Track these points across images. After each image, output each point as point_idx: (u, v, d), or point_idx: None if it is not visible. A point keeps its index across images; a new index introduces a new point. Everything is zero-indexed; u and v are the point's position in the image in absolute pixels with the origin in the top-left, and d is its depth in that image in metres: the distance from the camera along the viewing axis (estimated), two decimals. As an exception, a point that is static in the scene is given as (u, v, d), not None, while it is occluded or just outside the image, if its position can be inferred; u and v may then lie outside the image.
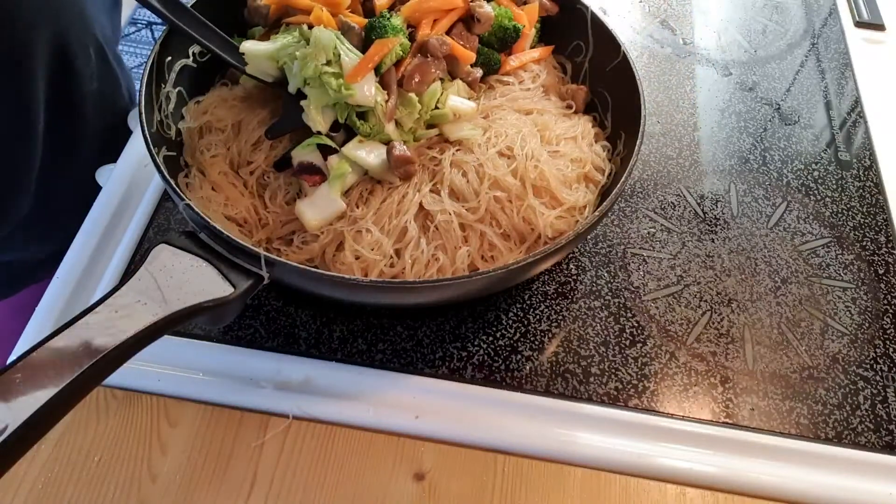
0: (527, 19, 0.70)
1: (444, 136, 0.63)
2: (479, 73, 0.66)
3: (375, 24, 0.60)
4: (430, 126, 0.63)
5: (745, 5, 1.01)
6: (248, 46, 0.60)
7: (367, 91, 0.58)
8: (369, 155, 0.59)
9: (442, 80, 0.63)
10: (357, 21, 0.63)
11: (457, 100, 0.62)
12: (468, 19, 0.66)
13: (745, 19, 0.99)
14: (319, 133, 0.59)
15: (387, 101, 0.60)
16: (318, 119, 0.59)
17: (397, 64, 0.61)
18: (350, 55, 0.58)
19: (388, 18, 0.61)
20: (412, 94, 0.61)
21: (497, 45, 0.68)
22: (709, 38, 0.95)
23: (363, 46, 0.60)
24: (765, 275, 0.69)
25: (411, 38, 0.63)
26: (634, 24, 0.96)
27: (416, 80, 0.61)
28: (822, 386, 0.62)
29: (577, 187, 0.62)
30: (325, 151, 0.60)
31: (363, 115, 0.60)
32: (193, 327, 0.62)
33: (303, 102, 0.59)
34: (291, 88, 0.60)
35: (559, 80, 0.72)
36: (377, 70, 0.60)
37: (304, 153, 0.59)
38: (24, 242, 0.83)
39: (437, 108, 0.62)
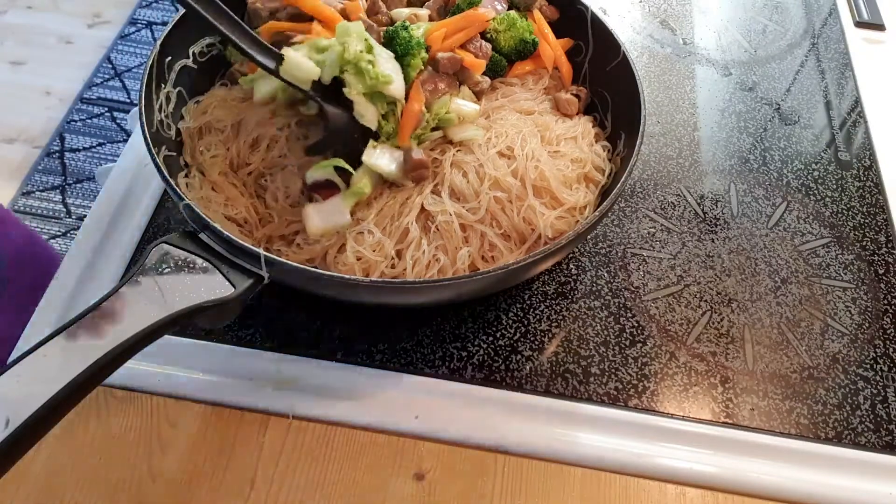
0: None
1: (448, 137, 0.63)
2: (487, 83, 0.66)
3: (397, 36, 0.60)
4: (434, 129, 0.63)
5: (745, 5, 1.01)
6: (291, 52, 0.58)
7: (398, 84, 0.59)
8: (391, 164, 0.59)
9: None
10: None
11: (460, 102, 0.63)
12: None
13: (745, 19, 0.99)
14: (336, 154, 0.59)
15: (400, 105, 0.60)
16: (367, 109, 0.58)
17: None
18: (383, 53, 0.59)
19: (409, 31, 0.60)
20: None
21: (514, 55, 0.68)
22: (709, 38, 0.95)
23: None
24: (765, 275, 0.69)
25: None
26: (634, 24, 0.96)
27: (428, 91, 0.61)
28: (822, 386, 0.62)
29: (577, 187, 0.62)
30: (339, 172, 0.59)
31: (384, 116, 0.60)
32: (193, 327, 0.62)
33: (347, 92, 0.58)
34: (326, 77, 0.58)
35: (558, 84, 0.72)
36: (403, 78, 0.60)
37: (319, 173, 0.59)
38: None
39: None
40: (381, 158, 0.59)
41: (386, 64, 0.59)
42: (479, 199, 0.58)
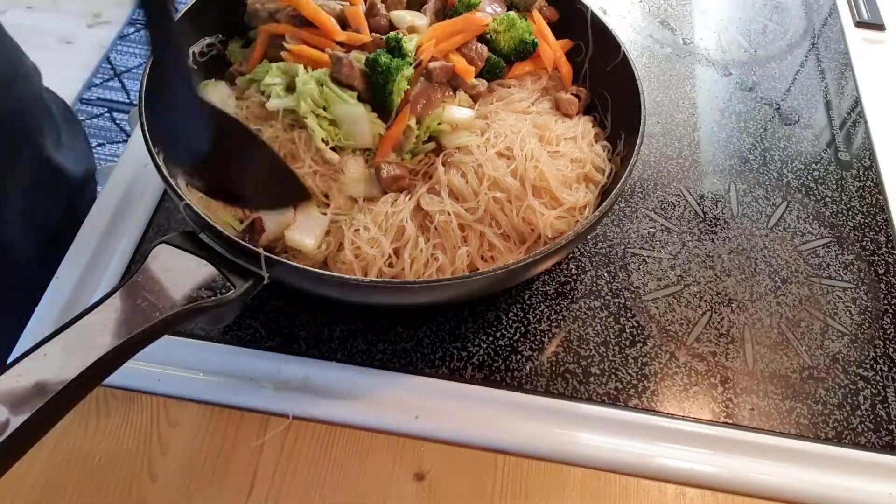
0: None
1: (443, 146, 0.63)
2: (483, 85, 0.66)
3: (377, 64, 0.59)
4: (427, 140, 0.63)
5: (745, 5, 1.01)
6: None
7: (362, 134, 0.59)
8: (370, 189, 0.60)
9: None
10: (359, 39, 0.63)
11: (453, 109, 0.62)
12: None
13: (745, 19, 0.99)
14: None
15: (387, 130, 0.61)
16: (352, 167, 0.60)
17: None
18: (342, 106, 0.59)
19: (391, 54, 0.60)
20: (411, 122, 0.61)
21: (514, 56, 0.68)
22: (709, 38, 0.95)
23: (363, 78, 0.61)
24: (765, 275, 0.69)
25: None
26: (634, 24, 0.96)
27: (422, 104, 0.61)
28: (822, 386, 0.62)
29: (577, 187, 0.62)
30: None
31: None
32: (193, 327, 0.62)
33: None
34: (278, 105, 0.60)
35: (558, 84, 0.72)
36: (388, 105, 0.60)
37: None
38: None
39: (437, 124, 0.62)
40: (356, 188, 0.60)
41: (346, 114, 0.59)
42: (477, 200, 0.58)
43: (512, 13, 0.68)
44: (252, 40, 0.68)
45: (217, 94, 0.66)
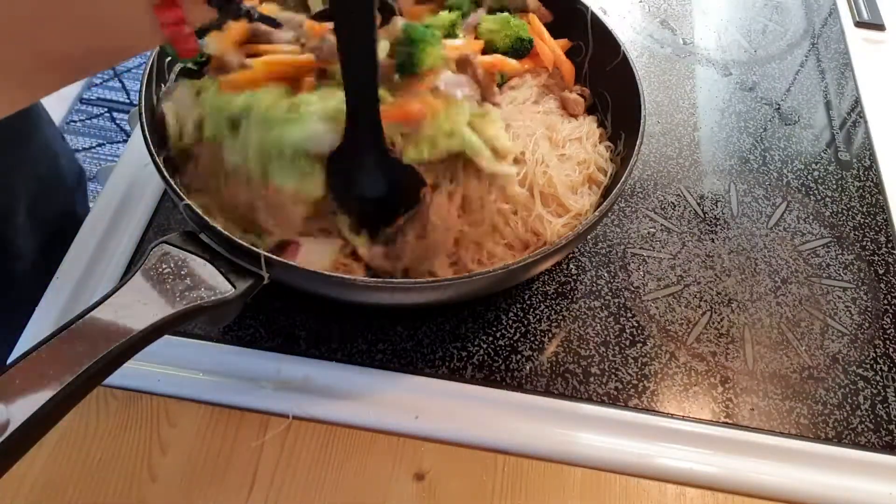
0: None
1: (476, 166, 0.56)
2: (499, 93, 0.65)
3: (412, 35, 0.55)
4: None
5: (745, 5, 1.01)
6: None
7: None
8: None
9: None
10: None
11: (499, 132, 0.57)
12: None
13: (745, 19, 0.99)
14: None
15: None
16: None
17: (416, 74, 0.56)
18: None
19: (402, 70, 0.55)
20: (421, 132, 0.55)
21: (511, 55, 0.68)
22: (709, 38, 0.95)
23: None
24: (765, 275, 0.69)
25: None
26: (634, 24, 0.96)
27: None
28: (822, 386, 0.62)
29: (582, 191, 0.62)
30: None
31: None
32: (193, 327, 0.62)
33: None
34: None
35: (560, 83, 0.72)
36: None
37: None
38: None
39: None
40: None
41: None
42: (483, 211, 0.57)
43: (505, 14, 0.68)
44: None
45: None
